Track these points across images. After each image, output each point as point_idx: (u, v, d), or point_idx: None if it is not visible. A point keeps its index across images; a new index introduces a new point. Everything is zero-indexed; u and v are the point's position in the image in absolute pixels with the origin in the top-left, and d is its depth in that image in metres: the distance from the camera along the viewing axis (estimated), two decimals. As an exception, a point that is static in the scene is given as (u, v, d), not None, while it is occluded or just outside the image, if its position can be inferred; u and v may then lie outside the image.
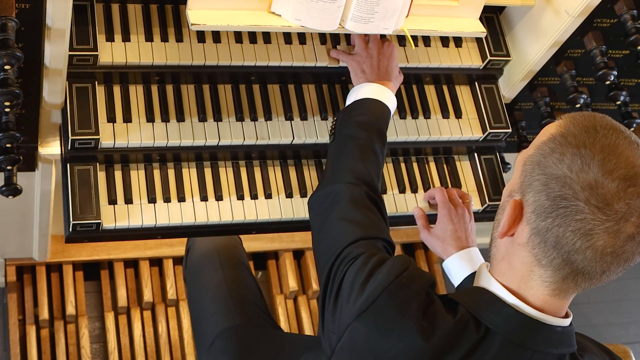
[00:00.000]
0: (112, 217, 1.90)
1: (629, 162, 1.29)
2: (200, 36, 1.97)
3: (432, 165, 2.19)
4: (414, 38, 2.10)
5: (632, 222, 1.28)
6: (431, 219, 2.04)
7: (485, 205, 2.15)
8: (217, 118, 1.99)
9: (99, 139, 1.87)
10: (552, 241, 1.32)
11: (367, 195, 1.68)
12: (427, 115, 2.15)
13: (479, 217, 2.13)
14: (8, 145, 1.79)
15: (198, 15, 1.78)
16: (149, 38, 1.94)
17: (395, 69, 1.97)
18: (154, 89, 1.98)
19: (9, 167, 1.85)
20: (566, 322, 1.42)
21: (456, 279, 1.88)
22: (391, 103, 1.91)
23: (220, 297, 2.17)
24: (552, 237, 1.32)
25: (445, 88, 2.20)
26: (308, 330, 2.98)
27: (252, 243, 2.91)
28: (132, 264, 2.92)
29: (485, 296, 1.42)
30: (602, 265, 1.32)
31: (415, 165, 2.17)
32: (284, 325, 2.97)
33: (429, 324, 1.38)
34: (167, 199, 1.95)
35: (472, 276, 1.84)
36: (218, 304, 2.16)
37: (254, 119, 2.02)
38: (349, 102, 1.92)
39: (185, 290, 2.34)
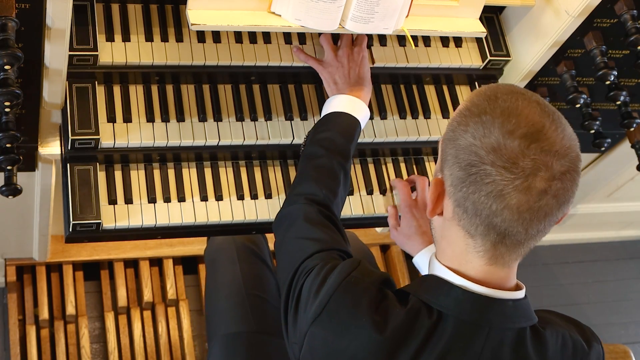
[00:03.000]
0: (112, 217, 1.90)
1: (529, 119, 1.32)
2: (200, 36, 1.97)
3: (432, 165, 2.19)
4: (414, 38, 2.10)
5: (540, 176, 1.31)
6: None
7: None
8: (217, 118, 1.99)
9: (99, 139, 1.87)
10: (472, 209, 1.35)
11: (320, 212, 1.70)
12: (427, 115, 2.15)
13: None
14: (8, 145, 1.79)
15: (198, 15, 1.78)
16: (149, 38, 1.94)
17: (367, 74, 1.97)
18: (154, 89, 1.98)
19: (9, 167, 1.85)
20: (518, 294, 1.43)
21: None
22: (362, 114, 1.91)
23: (236, 295, 2.18)
24: (470, 205, 1.35)
25: (445, 88, 2.20)
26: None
27: (252, 243, 2.91)
28: (132, 264, 2.92)
29: (433, 282, 1.45)
30: (522, 224, 1.33)
31: (414, 165, 2.17)
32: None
33: (381, 317, 1.40)
34: (167, 199, 1.95)
35: None
36: (231, 301, 2.17)
37: (254, 119, 2.02)
38: (322, 115, 1.93)
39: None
